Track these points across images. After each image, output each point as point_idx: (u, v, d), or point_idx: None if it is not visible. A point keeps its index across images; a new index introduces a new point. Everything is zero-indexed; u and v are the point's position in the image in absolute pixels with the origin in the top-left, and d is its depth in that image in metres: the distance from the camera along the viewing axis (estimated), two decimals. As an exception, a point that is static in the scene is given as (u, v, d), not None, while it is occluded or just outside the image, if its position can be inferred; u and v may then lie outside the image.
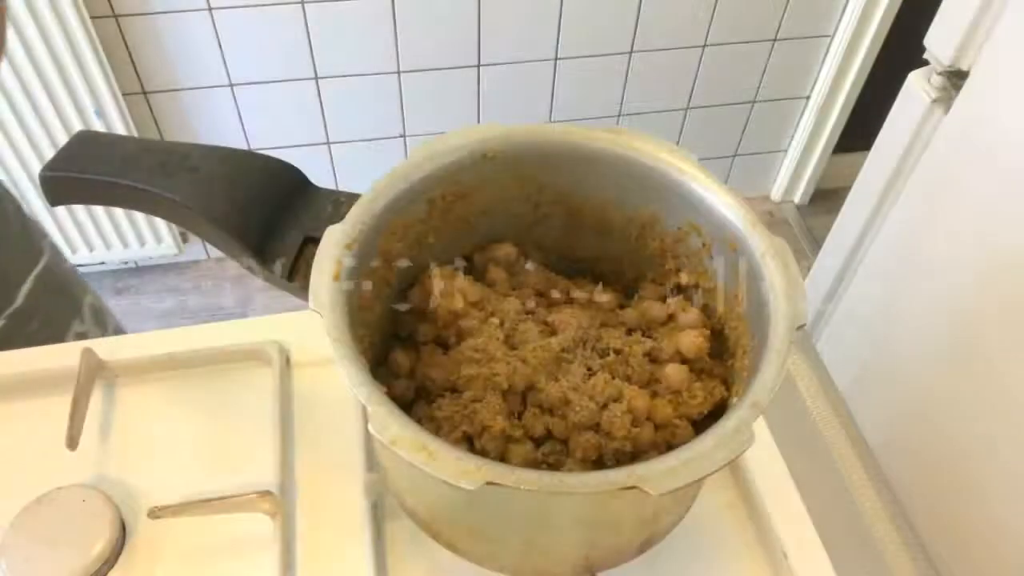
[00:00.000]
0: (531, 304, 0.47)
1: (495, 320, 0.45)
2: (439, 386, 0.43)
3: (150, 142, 0.46)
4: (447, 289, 0.45)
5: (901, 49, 1.63)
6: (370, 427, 0.34)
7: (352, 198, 0.43)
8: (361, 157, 1.73)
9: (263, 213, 0.43)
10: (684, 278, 0.47)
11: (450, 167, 0.44)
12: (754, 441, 0.34)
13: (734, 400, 0.40)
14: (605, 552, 0.42)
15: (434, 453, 0.33)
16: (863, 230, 1.05)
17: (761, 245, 0.41)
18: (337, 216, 0.42)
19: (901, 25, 1.64)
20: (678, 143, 1.41)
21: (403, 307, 0.46)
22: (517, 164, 0.46)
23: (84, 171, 0.45)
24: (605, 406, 0.41)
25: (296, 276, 0.42)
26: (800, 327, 0.38)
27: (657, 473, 0.33)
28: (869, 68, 1.73)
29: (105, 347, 0.57)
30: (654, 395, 0.43)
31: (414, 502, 0.43)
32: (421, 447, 0.33)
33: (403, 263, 0.45)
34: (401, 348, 0.45)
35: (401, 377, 0.44)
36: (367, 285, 0.42)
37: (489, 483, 0.32)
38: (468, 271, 0.48)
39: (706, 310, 0.46)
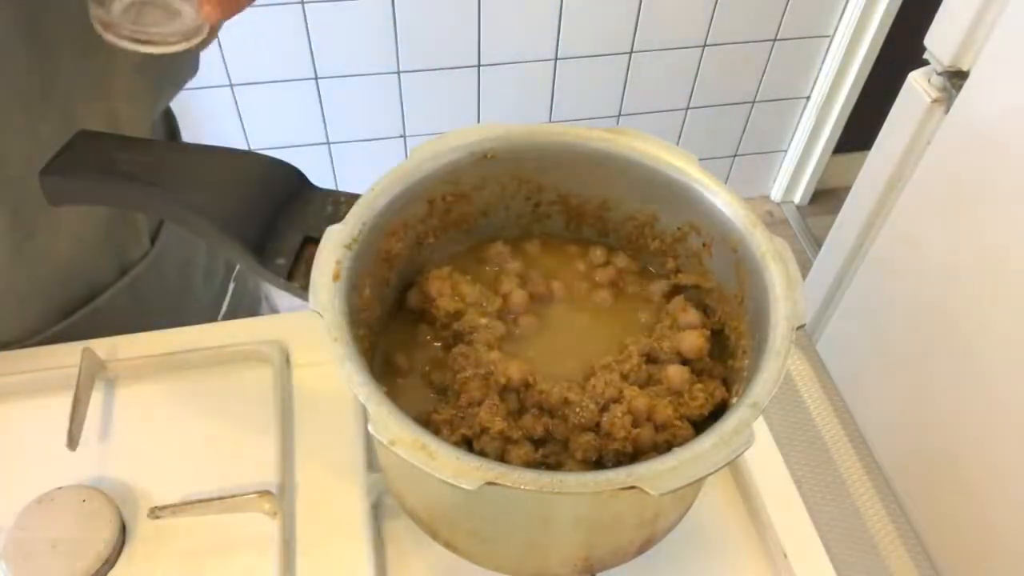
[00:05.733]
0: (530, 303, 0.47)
1: (495, 320, 0.45)
2: (438, 387, 0.43)
3: (150, 142, 0.46)
4: (445, 290, 0.45)
5: (901, 49, 1.63)
6: (370, 427, 0.34)
7: (352, 198, 0.43)
8: (361, 157, 1.73)
9: (263, 213, 0.43)
10: (684, 278, 0.47)
11: (450, 167, 0.44)
12: (754, 441, 0.34)
13: (734, 400, 0.40)
14: (605, 552, 0.42)
15: (434, 453, 0.33)
16: (863, 230, 1.05)
17: (761, 245, 0.41)
18: (337, 216, 0.42)
19: (901, 25, 1.64)
20: (678, 143, 1.41)
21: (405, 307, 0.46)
22: (517, 164, 0.46)
23: (84, 172, 0.45)
24: (605, 407, 0.41)
25: (296, 276, 0.42)
26: (800, 327, 0.38)
27: (657, 473, 0.33)
28: (869, 68, 1.73)
29: (105, 347, 0.57)
30: (654, 396, 0.43)
31: (414, 502, 0.43)
32: (421, 447, 0.33)
33: (402, 263, 0.45)
34: (401, 348, 0.45)
35: (401, 377, 0.44)
36: (367, 286, 0.42)
37: (489, 483, 0.32)
38: (468, 271, 0.48)
39: (706, 310, 0.46)
